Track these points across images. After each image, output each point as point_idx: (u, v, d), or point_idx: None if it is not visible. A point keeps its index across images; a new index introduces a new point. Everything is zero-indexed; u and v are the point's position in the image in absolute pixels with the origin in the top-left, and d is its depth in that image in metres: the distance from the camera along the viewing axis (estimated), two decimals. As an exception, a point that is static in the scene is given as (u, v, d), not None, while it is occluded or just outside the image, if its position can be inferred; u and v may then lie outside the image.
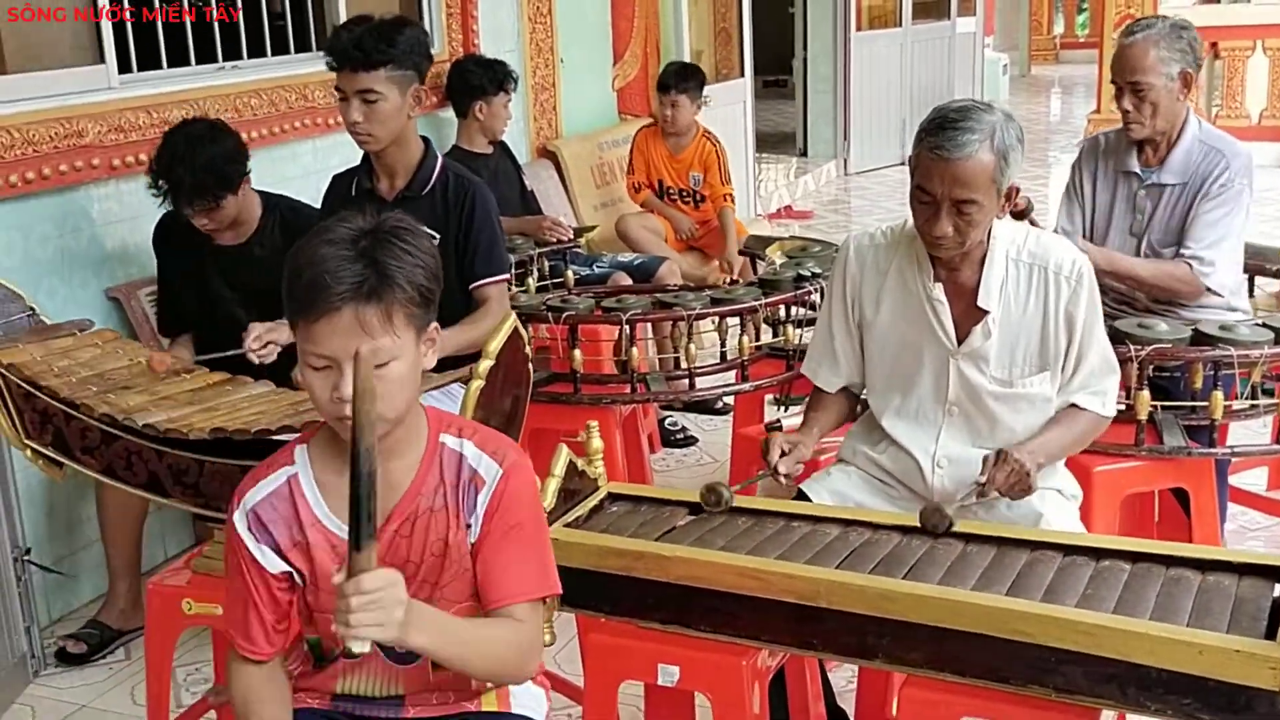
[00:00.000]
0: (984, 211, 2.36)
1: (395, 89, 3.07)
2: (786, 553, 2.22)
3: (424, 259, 1.76)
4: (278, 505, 1.83)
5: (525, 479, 1.88)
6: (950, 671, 2.03)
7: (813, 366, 2.72)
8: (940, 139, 2.33)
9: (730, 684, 2.21)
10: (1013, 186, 2.41)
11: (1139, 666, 1.87)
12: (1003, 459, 2.39)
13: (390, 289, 1.70)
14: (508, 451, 1.88)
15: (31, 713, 3.22)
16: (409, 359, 1.76)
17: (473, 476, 1.85)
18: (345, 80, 3.07)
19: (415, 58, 3.12)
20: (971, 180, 2.32)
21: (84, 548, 3.73)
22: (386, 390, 1.71)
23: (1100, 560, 2.13)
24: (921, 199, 2.39)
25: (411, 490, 1.84)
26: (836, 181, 10.42)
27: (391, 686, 1.91)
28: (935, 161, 2.34)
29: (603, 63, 6.65)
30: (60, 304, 3.58)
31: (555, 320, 3.49)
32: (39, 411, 2.80)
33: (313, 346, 1.73)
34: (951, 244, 2.39)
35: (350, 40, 3.05)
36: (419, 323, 1.77)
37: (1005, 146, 2.34)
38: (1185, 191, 3.29)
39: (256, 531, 1.83)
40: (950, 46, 11.41)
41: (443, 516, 1.84)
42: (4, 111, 3.46)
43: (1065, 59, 18.93)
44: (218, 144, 3.31)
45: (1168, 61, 3.26)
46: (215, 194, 3.31)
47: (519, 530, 1.86)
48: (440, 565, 1.85)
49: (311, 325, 1.70)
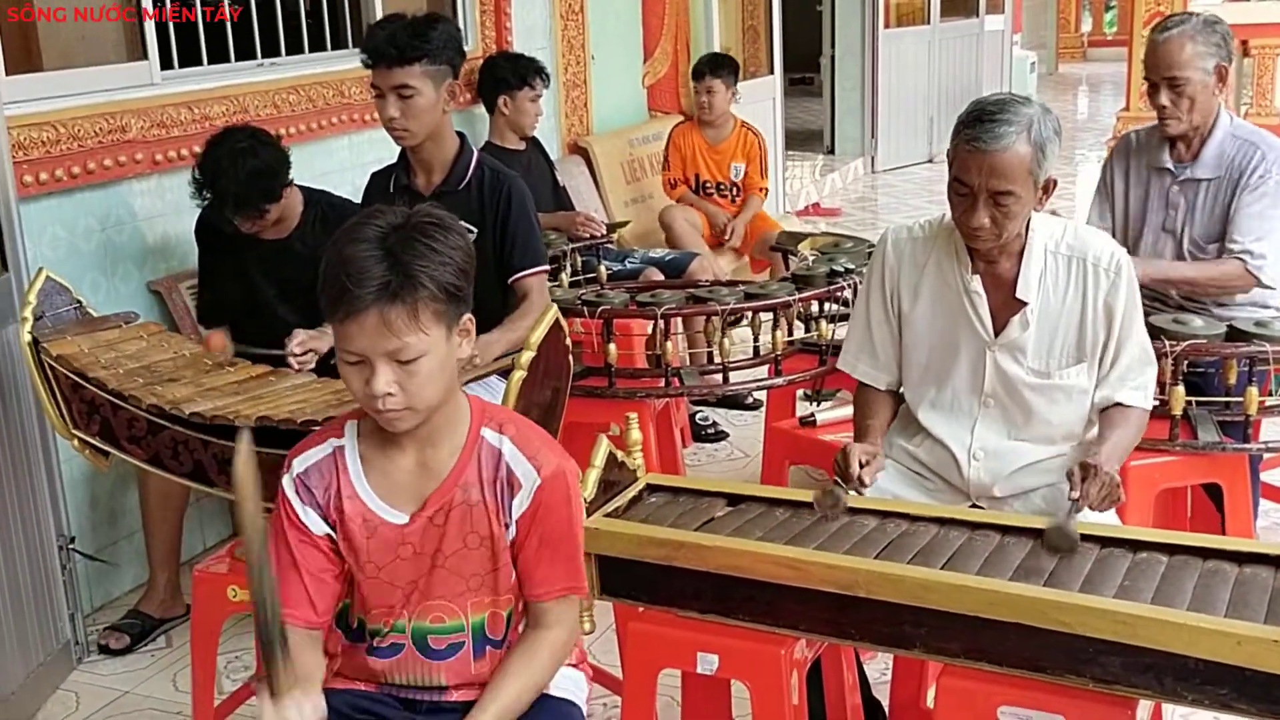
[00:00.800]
0: (1021, 203, 2.38)
1: (430, 84, 3.11)
2: (825, 543, 2.25)
3: (452, 255, 1.79)
4: (322, 473, 1.89)
5: (563, 486, 1.92)
6: (988, 661, 2.04)
7: (850, 360, 2.74)
8: (977, 131, 2.35)
9: (769, 673, 2.24)
10: (1050, 179, 2.43)
11: (1177, 656, 1.89)
12: (1093, 473, 2.33)
13: (414, 289, 1.74)
14: (546, 456, 1.91)
15: (75, 699, 3.27)
16: (438, 354, 1.79)
17: (509, 477, 1.89)
18: (380, 76, 3.11)
19: (449, 53, 3.15)
20: (1008, 172, 2.34)
21: (125, 538, 3.79)
22: (416, 385, 1.77)
23: (1137, 552, 2.15)
24: (959, 191, 2.41)
25: (449, 480, 1.88)
26: (864, 179, 10.42)
27: (433, 678, 1.96)
28: (972, 153, 2.36)
29: (633, 60, 6.69)
30: (103, 297, 3.63)
31: (590, 314, 3.52)
32: (86, 402, 2.86)
33: (344, 344, 1.78)
34: (988, 235, 2.41)
35: (385, 37, 3.09)
36: (449, 318, 1.80)
37: (1042, 139, 2.36)
38: (1223, 186, 3.30)
39: (302, 494, 1.90)
40: (978, 44, 11.39)
41: (482, 511, 1.89)
42: (49, 107, 3.51)
43: (1092, 57, 18.86)
44: (260, 156, 3.36)
45: (1204, 56, 3.26)
46: (259, 207, 3.38)
47: (552, 535, 1.92)
48: (479, 558, 1.90)
49: (341, 324, 1.76)
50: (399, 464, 1.90)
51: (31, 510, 3.21)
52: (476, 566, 1.90)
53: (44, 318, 2.95)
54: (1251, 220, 3.24)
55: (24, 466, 3.19)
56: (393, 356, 1.75)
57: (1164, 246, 3.42)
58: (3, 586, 3.07)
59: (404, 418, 1.80)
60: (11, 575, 3.11)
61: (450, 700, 1.96)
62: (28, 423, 3.20)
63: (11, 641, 3.10)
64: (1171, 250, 3.41)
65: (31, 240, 3.38)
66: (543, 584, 1.92)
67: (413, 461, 1.89)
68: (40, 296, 2.96)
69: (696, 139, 5.77)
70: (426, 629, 1.92)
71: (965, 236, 2.46)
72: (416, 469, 1.89)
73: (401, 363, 1.75)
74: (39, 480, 3.25)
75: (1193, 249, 3.36)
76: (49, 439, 3.27)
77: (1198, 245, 3.35)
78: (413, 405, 1.77)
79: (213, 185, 3.34)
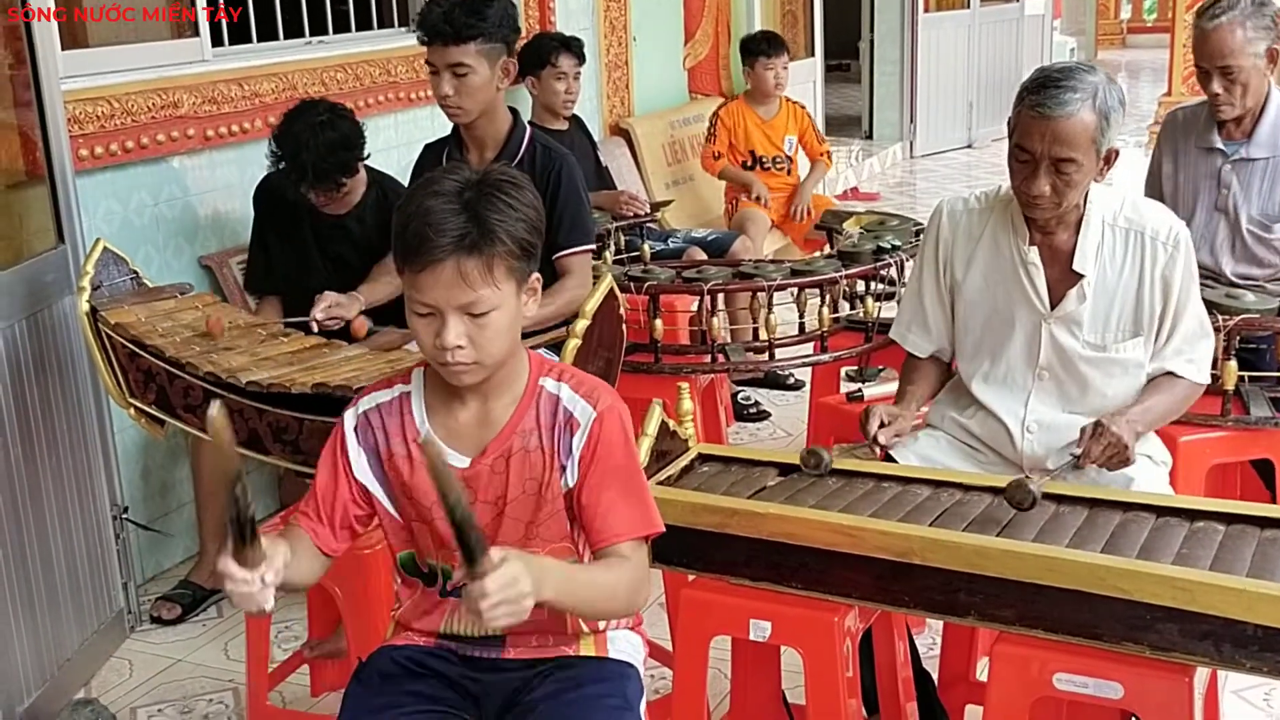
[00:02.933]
0: (1083, 172, 2.37)
1: (485, 62, 3.12)
2: (878, 511, 2.25)
3: (526, 212, 1.81)
4: (388, 416, 1.93)
5: (618, 421, 1.92)
6: (1043, 629, 2.04)
7: (901, 331, 2.75)
8: (1042, 97, 2.34)
9: (823, 639, 2.24)
10: (1112, 149, 2.41)
11: (1235, 623, 1.89)
12: (1100, 431, 2.38)
13: (491, 242, 1.76)
14: (602, 394, 1.93)
15: (129, 666, 3.32)
16: (509, 309, 1.81)
17: (568, 419, 1.90)
18: (436, 55, 3.12)
19: (504, 30, 3.16)
20: (1072, 139, 2.33)
21: (176, 509, 3.83)
22: (486, 338, 1.79)
23: (1194, 521, 2.15)
24: (1020, 158, 2.40)
25: (508, 429, 1.90)
26: (902, 164, 10.38)
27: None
28: (1036, 120, 2.35)
29: (674, 42, 6.69)
30: (155, 271, 3.67)
31: (636, 290, 3.53)
32: (143, 370, 2.90)
33: (417, 294, 1.79)
34: (1048, 204, 2.40)
35: (441, 15, 3.10)
36: (520, 274, 1.82)
37: (1107, 108, 2.35)
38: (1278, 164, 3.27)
39: (361, 433, 1.93)
40: (1018, 29, 11.30)
41: (538, 457, 1.90)
42: (104, 82, 3.56)
43: (1132, 43, 18.68)
44: (338, 130, 3.41)
45: (1254, 41, 3.22)
46: (336, 180, 3.43)
47: (617, 472, 1.90)
48: (535, 504, 1.91)
49: (416, 275, 1.77)
50: (459, 416, 1.92)
51: (87, 480, 3.26)
52: (531, 513, 1.91)
53: (101, 287, 3.00)
54: None
55: (79, 437, 3.23)
56: (465, 309, 1.77)
57: (1216, 226, 3.40)
58: (59, 555, 3.12)
59: (471, 371, 1.82)
60: (68, 544, 3.16)
61: (508, 658, 1.97)
62: (84, 394, 3.24)
63: (68, 609, 3.15)
64: (1225, 230, 3.38)
65: (86, 214, 3.42)
66: (612, 526, 1.88)
67: (473, 415, 1.92)
68: (98, 266, 3.00)
69: (749, 116, 5.76)
70: None
71: (1024, 205, 2.45)
72: (476, 422, 1.92)
73: (473, 316, 1.77)
74: (94, 451, 3.29)
75: (1253, 228, 3.33)
76: (104, 410, 3.31)
77: (1259, 225, 3.32)
78: (480, 360, 1.79)
79: (292, 158, 3.39)
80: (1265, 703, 2.88)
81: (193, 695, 3.17)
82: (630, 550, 1.89)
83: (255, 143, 4.00)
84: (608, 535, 1.88)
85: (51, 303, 3.12)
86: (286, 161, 3.40)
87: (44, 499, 3.05)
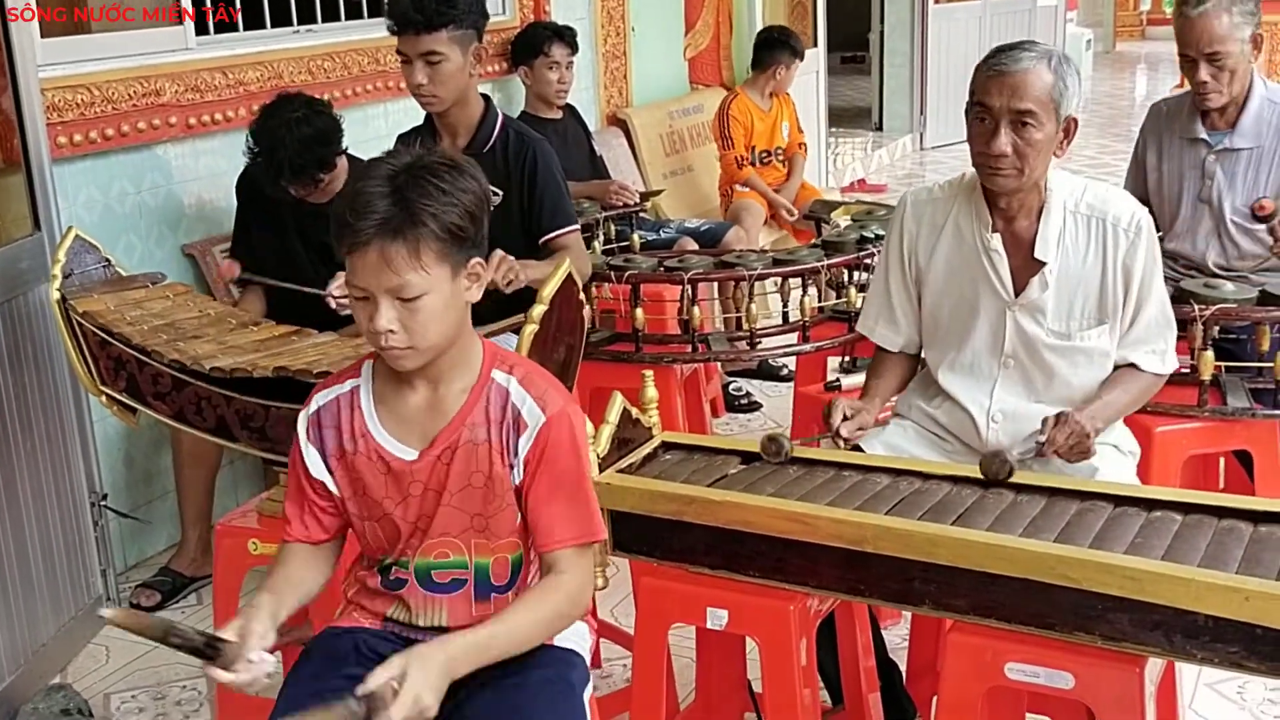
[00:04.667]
0: (1044, 131, 2.36)
1: (457, 49, 3.11)
2: (836, 500, 2.23)
3: (461, 197, 1.80)
4: (338, 412, 1.94)
5: (568, 426, 1.92)
6: (996, 618, 2.03)
7: (869, 323, 2.73)
8: (998, 59, 2.38)
9: (778, 628, 2.23)
10: (1071, 118, 2.40)
11: (1185, 613, 1.86)
12: (1063, 420, 2.38)
13: (415, 226, 1.76)
14: (553, 397, 1.92)
15: (106, 652, 3.33)
16: (441, 294, 1.81)
17: (516, 418, 1.90)
18: (407, 44, 3.12)
19: (474, 16, 3.15)
20: (1029, 91, 2.34)
21: (159, 498, 3.84)
22: (418, 323, 1.80)
23: (1151, 511, 2.12)
24: (979, 115, 2.40)
25: (457, 419, 1.89)
26: (912, 156, 10.34)
27: (435, 613, 1.97)
28: (993, 77, 2.37)
29: (674, 32, 6.66)
30: (138, 260, 3.68)
31: (618, 279, 3.52)
32: (113, 358, 2.89)
33: (350, 278, 1.82)
34: (1009, 167, 2.38)
35: (410, 3, 3.08)
36: (453, 259, 1.81)
37: (1064, 71, 2.37)
38: (1265, 154, 3.23)
39: (311, 432, 1.96)
40: (1031, 20, 11.23)
41: (485, 450, 1.89)
42: (86, 70, 3.56)
43: (1151, 35, 18.56)
44: (314, 125, 3.38)
45: (1240, 26, 3.19)
46: (314, 175, 3.42)
47: (562, 479, 1.91)
48: (483, 496, 1.91)
49: (348, 257, 1.80)
50: (410, 402, 1.92)
51: (64, 467, 3.27)
52: (480, 506, 1.91)
53: (72, 275, 2.99)
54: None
55: (57, 424, 3.24)
56: (394, 294, 1.77)
57: (1201, 217, 3.36)
58: (35, 542, 3.13)
59: (407, 356, 1.82)
60: (44, 531, 3.17)
61: (454, 643, 1.97)
62: (61, 381, 3.25)
63: (43, 595, 3.16)
64: (1210, 221, 3.35)
65: (67, 201, 3.43)
66: (554, 533, 1.91)
67: (423, 400, 1.92)
68: (69, 255, 2.99)
69: (754, 109, 5.78)
70: (430, 564, 1.94)
71: (986, 174, 2.42)
72: (427, 407, 1.91)
73: (403, 300, 1.77)
74: (71, 438, 3.30)
75: (1237, 219, 3.30)
76: (81, 396, 3.32)
77: (1244, 215, 3.29)
78: (415, 345, 1.80)
79: (269, 154, 3.37)
80: (1239, 695, 2.85)
81: (166, 681, 3.18)
82: (571, 558, 1.91)
83: (239, 131, 3.95)
84: (550, 542, 1.91)
85: (28, 290, 3.13)
86: (263, 157, 3.38)
87: (19, 486, 3.06)
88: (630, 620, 3.01)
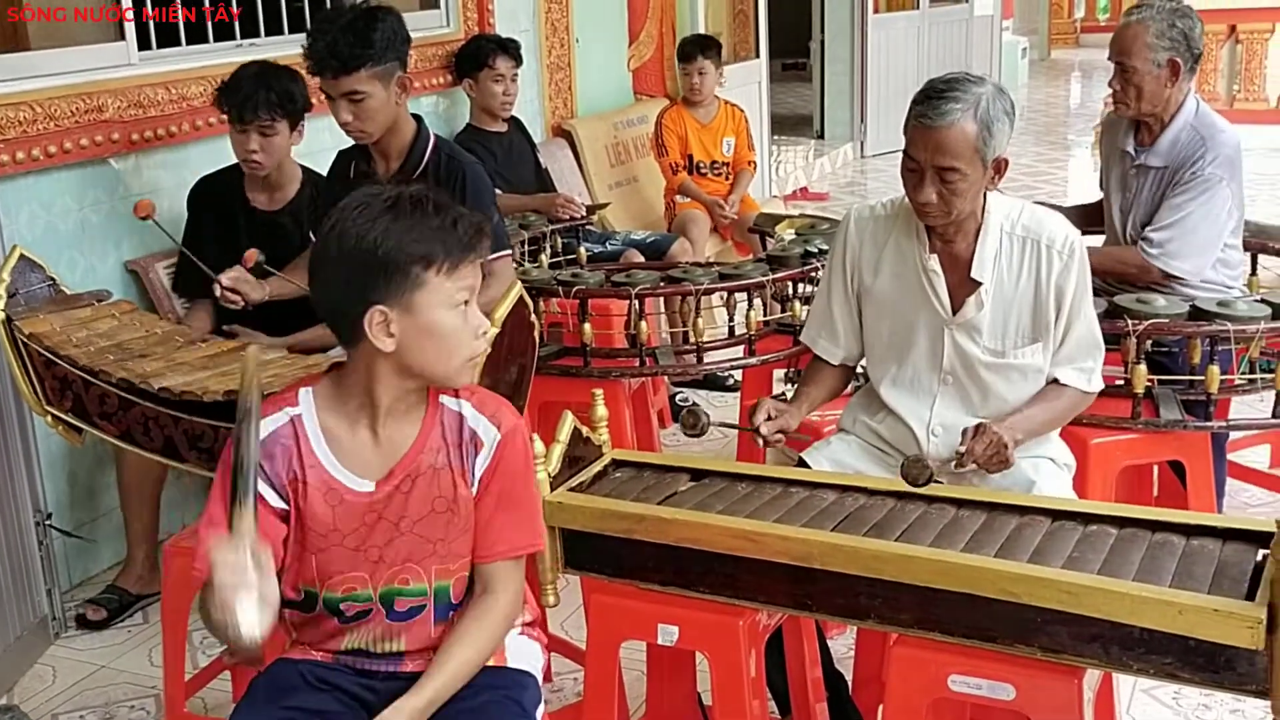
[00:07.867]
0: (967, 180, 2.41)
1: (379, 84, 3.10)
2: (783, 517, 2.28)
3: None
4: (282, 441, 1.90)
5: (521, 442, 1.98)
6: (939, 631, 2.08)
7: (812, 335, 2.78)
8: (925, 108, 2.41)
9: (727, 643, 2.27)
10: (1001, 158, 2.45)
11: (1121, 626, 1.92)
12: (981, 431, 2.42)
13: None
14: (505, 414, 1.97)
15: (52, 673, 3.30)
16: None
17: (473, 437, 1.94)
18: (328, 85, 3.12)
19: (395, 49, 3.14)
20: (953, 148, 2.38)
21: (104, 515, 3.81)
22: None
23: (1088, 525, 2.18)
24: (909, 165, 2.46)
25: (415, 447, 1.91)
26: (853, 164, 10.43)
27: (393, 642, 1.98)
28: (919, 129, 2.42)
29: (618, 43, 6.69)
30: (80, 276, 3.65)
31: (565, 294, 3.54)
32: (59, 379, 2.89)
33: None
34: (936, 211, 2.44)
35: (325, 47, 3.07)
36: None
37: (990, 118, 2.40)
38: (1166, 175, 3.31)
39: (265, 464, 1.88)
40: (968, 29, 11.40)
41: (447, 474, 1.92)
42: (26, 87, 3.53)
43: (1086, 42, 18.83)
44: (287, 76, 3.55)
45: (1155, 48, 3.26)
46: (277, 111, 3.50)
47: (513, 493, 1.96)
48: (446, 522, 1.92)
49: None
50: (360, 436, 1.91)
51: (8, 487, 3.24)
52: (442, 531, 1.92)
53: (17, 295, 2.98)
54: (1168, 211, 3.27)
55: (0, 443, 3.21)
56: None
57: (1124, 227, 3.45)
58: (-21, 561, 3.10)
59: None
60: (-12, 551, 3.14)
61: (406, 670, 1.97)
62: (4, 400, 3.22)
63: (-12, 616, 3.14)
64: (1130, 233, 3.43)
65: (9, 219, 3.40)
66: (496, 545, 1.95)
67: (373, 434, 1.91)
68: (14, 274, 2.99)
69: (688, 120, 5.82)
70: (395, 591, 1.94)
71: (917, 212, 2.50)
72: (378, 441, 1.92)
73: None
74: (15, 457, 3.27)
75: (1134, 234, 3.38)
76: (25, 415, 3.29)
77: (1137, 230, 3.38)
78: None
79: (237, 87, 3.48)
80: (1174, 700, 2.93)
81: (115, 702, 3.16)
82: (509, 570, 1.97)
83: (183, 146, 3.99)
84: (492, 552, 1.96)
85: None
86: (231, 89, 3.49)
87: (-37, 507, 3.04)
88: (581, 634, 3.04)
